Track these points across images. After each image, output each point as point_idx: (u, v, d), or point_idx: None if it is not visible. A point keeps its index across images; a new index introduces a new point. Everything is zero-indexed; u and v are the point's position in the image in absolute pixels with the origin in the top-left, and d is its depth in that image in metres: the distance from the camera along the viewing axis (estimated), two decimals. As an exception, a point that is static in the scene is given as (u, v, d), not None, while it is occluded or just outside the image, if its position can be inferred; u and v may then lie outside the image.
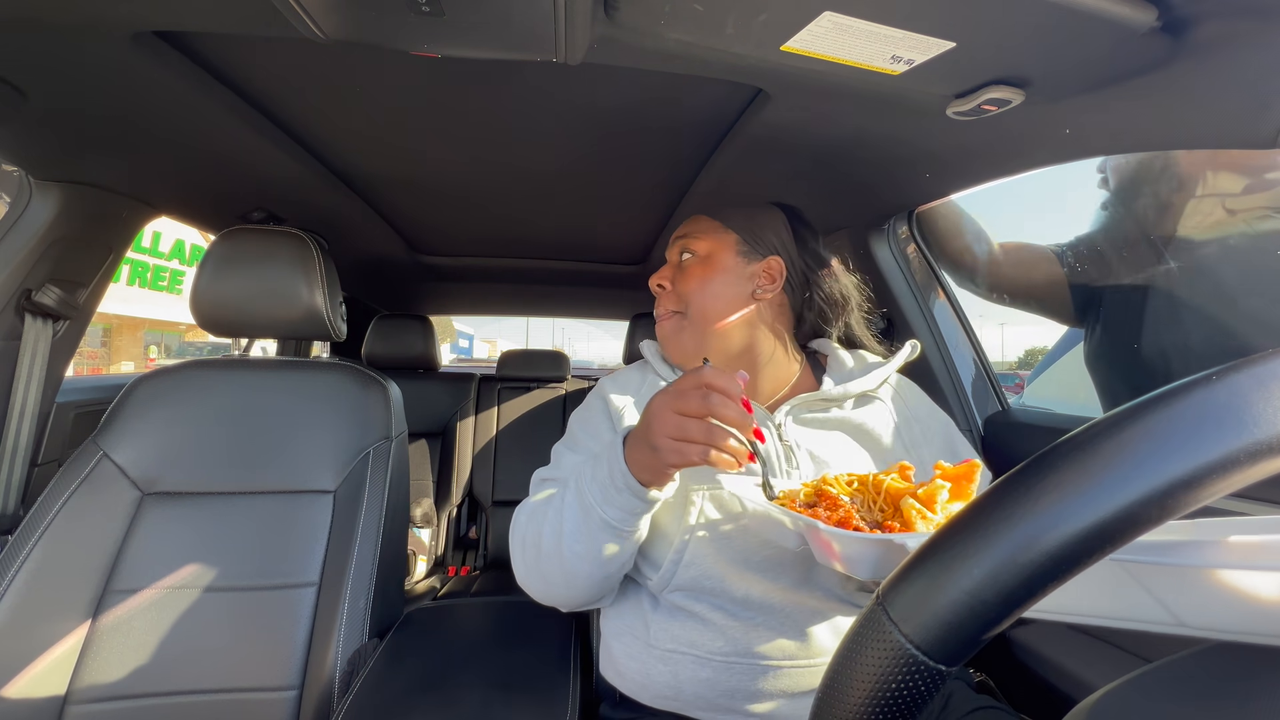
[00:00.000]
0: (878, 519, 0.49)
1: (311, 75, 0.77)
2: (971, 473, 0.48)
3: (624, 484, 0.55)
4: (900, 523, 0.46)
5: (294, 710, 0.78)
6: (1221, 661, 0.24)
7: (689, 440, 0.49)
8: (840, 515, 0.47)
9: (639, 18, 0.53)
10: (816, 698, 0.25)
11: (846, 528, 0.46)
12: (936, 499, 0.46)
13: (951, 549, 0.22)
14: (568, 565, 0.60)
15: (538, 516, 0.63)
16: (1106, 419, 0.21)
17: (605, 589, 0.64)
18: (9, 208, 0.90)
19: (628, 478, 0.54)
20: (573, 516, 0.59)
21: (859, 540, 0.42)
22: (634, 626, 0.67)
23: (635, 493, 0.55)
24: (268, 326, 0.96)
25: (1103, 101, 0.62)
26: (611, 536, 0.57)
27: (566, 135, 0.94)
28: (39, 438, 0.95)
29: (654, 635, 0.64)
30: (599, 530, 0.57)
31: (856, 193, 1.06)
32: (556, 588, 0.63)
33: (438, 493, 1.95)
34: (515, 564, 0.66)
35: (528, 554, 0.63)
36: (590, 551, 0.58)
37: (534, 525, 0.63)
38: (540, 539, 0.61)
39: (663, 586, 0.64)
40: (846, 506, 0.49)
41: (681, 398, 0.50)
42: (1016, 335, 11.89)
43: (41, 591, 0.78)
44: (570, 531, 0.59)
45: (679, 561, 0.63)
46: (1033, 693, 0.79)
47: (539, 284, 2.11)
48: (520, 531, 0.65)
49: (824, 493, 0.51)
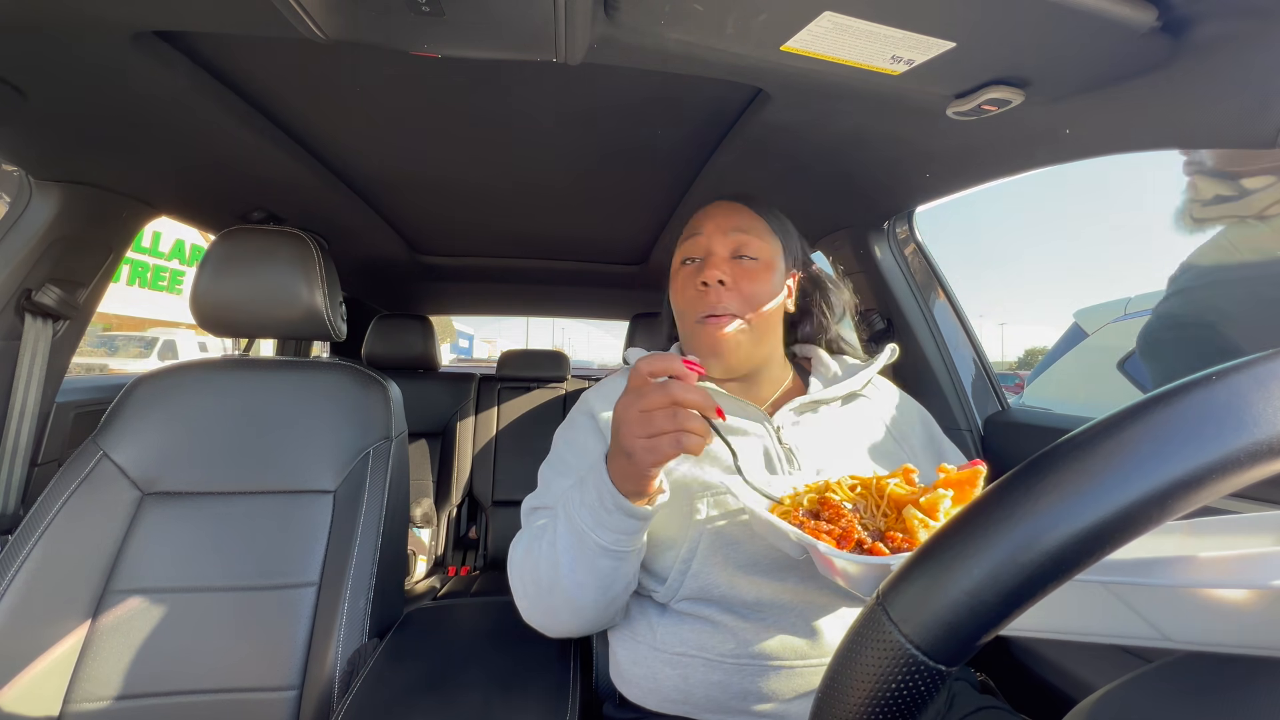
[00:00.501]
0: (880, 527, 0.48)
1: (311, 75, 0.77)
2: (975, 478, 0.47)
3: (613, 504, 0.54)
4: (903, 531, 0.46)
5: (294, 710, 0.78)
6: (1221, 662, 0.24)
7: (659, 434, 0.49)
8: (843, 525, 0.47)
9: (639, 18, 0.53)
10: (816, 698, 0.25)
11: (849, 538, 0.46)
12: (939, 507, 0.46)
13: (951, 549, 0.22)
14: (571, 596, 0.58)
15: (533, 552, 0.62)
16: (1106, 419, 0.21)
17: (613, 611, 0.63)
18: (9, 208, 0.90)
19: (616, 497, 0.53)
20: (568, 547, 0.57)
21: (859, 562, 0.42)
22: (639, 631, 0.66)
23: (626, 511, 0.54)
24: (268, 326, 0.96)
25: (1103, 101, 0.62)
26: (610, 559, 0.56)
27: (566, 135, 0.94)
28: (39, 438, 0.95)
29: (660, 639, 0.64)
30: (597, 556, 0.56)
31: (856, 193, 1.06)
32: (563, 619, 0.61)
33: (438, 493, 1.95)
34: (519, 601, 0.64)
35: (529, 590, 0.62)
36: (592, 579, 0.57)
37: (531, 561, 0.62)
38: (538, 574, 0.60)
39: (670, 597, 0.64)
40: (849, 516, 0.49)
41: (642, 396, 0.49)
42: (1016, 335, 11.89)
43: (41, 591, 0.78)
44: (567, 563, 0.57)
45: (686, 572, 0.63)
46: (1033, 693, 0.79)
47: (539, 284, 2.11)
48: (518, 569, 0.64)
49: (827, 500, 0.51)
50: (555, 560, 0.58)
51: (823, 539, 0.46)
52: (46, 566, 0.79)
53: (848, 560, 0.42)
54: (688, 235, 0.75)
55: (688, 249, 0.74)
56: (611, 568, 0.57)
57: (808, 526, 0.48)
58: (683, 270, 0.74)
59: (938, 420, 0.81)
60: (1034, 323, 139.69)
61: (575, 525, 0.56)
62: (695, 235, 0.73)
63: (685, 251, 0.74)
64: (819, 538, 0.46)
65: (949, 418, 1.12)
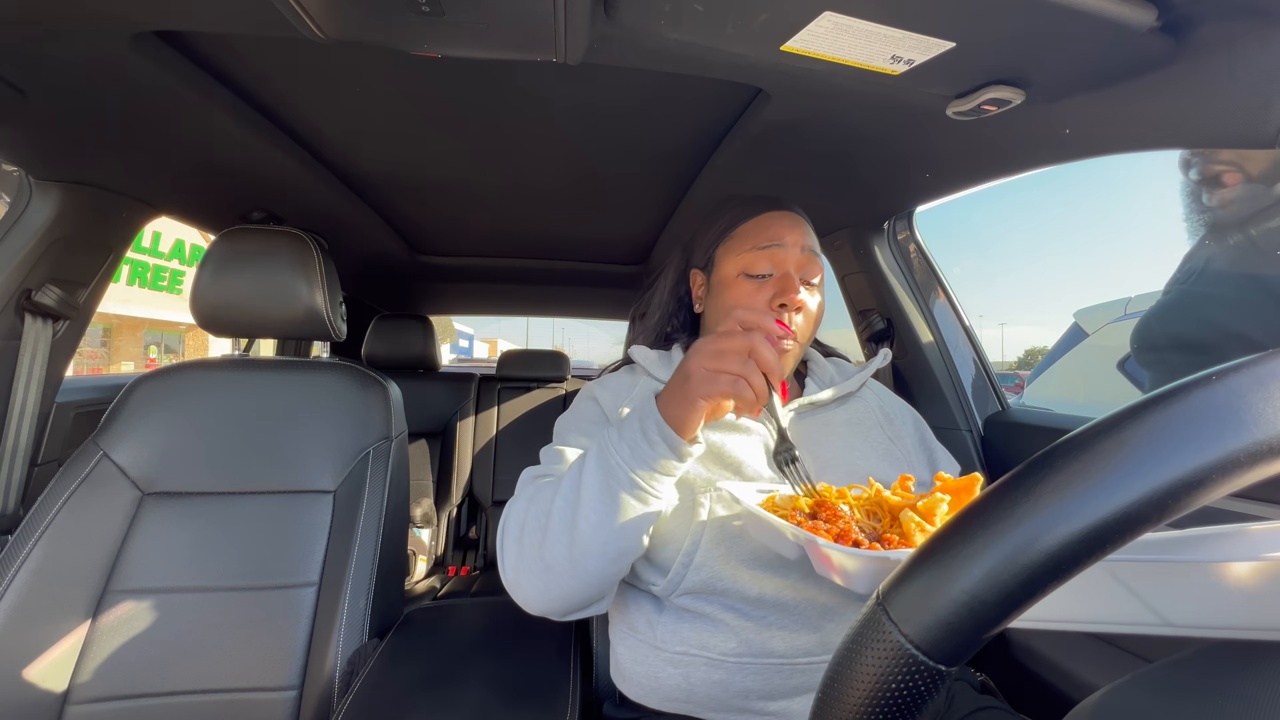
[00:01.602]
0: (877, 530, 0.49)
1: (311, 75, 0.77)
2: (972, 486, 0.48)
3: (658, 434, 0.53)
4: (899, 534, 0.47)
5: (294, 710, 0.78)
6: (1222, 661, 0.24)
7: (724, 370, 0.50)
8: (840, 526, 0.48)
9: (639, 18, 0.53)
10: (816, 698, 0.25)
11: (846, 538, 0.46)
12: (936, 512, 0.46)
13: (951, 549, 0.22)
14: (579, 541, 0.55)
15: (541, 498, 0.60)
16: (1106, 419, 0.21)
17: (606, 583, 0.59)
18: (9, 208, 0.90)
19: (662, 426, 0.53)
20: (593, 482, 0.56)
21: (857, 556, 0.43)
22: (638, 629, 0.66)
23: (669, 442, 0.53)
24: (268, 326, 0.96)
25: (1103, 101, 0.62)
26: (636, 502, 0.55)
27: (566, 135, 0.94)
28: (39, 438, 0.95)
29: (660, 638, 0.64)
30: (625, 491, 0.54)
31: (856, 193, 1.06)
32: (557, 576, 0.57)
33: (438, 493, 1.95)
34: (507, 558, 0.60)
35: (526, 539, 0.59)
36: (607, 522, 0.55)
37: (537, 506, 0.59)
38: (547, 518, 0.57)
39: (670, 591, 0.64)
40: (846, 518, 0.49)
41: (726, 337, 0.51)
42: (1016, 335, 11.91)
43: (41, 591, 0.78)
44: (588, 499, 0.55)
45: (689, 564, 0.62)
46: (1033, 693, 0.79)
47: (539, 284, 2.11)
48: (517, 518, 0.61)
49: (824, 503, 0.51)
50: (574, 500, 0.56)
51: (820, 536, 0.46)
52: (46, 566, 0.79)
53: (845, 554, 0.43)
54: (757, 246, 0.70)
55: (756, 262, 0.69)
56: (632, 514, 0.55)
57: (805, 526, 0.48)
58: (748, 283, 0.70)
59: (938, 420, 0.82)
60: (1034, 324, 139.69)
61: (608, 460, 0.56)
62: (775, 247, 0.69)
63: (752, 264, 0.69)
64: (816, 534, 0.46)
65: (949, 418, 1.12)
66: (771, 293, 0.68)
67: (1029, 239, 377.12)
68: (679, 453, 0.54)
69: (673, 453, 0.54)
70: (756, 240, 0.70)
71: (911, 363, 1.20)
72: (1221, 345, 0.88)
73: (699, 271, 0.78)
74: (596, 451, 0.58)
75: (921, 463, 0.75)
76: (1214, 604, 0.25)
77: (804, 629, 0.62)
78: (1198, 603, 0.25)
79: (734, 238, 0.73)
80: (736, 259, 0.71)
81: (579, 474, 0.58)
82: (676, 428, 0.54)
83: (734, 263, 0.71)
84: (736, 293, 0.70)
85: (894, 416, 0.77)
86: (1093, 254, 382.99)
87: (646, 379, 0.75)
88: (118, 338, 13.31)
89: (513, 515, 0.62)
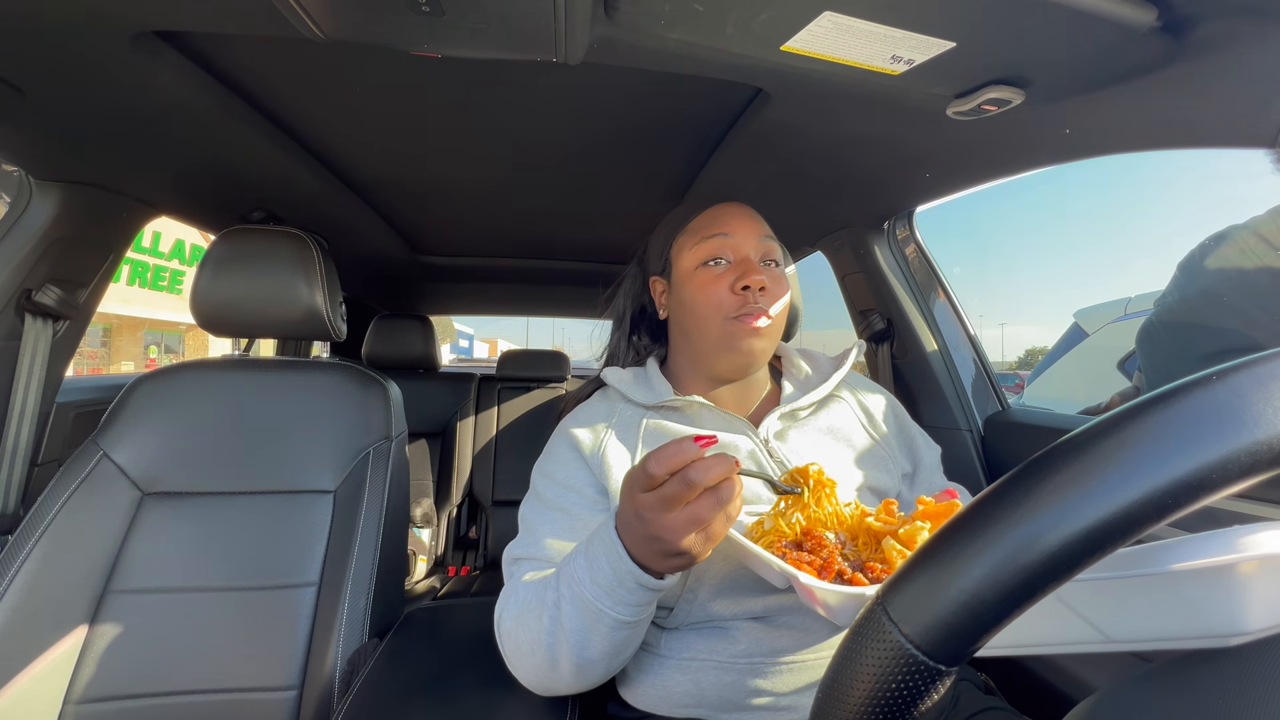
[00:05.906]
0: (861, 557, 0.50)
1: (311, 75, 0.77)
2: (951, 511, 0.48)
3: (635, 583, 0.49)
4: (881, 561, 0.48)
5: (294, 710, 0.78)
6: (1222, 661, 0.24)
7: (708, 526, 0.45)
8: (825, 556, 0.49)
9: (639, 18, 0.53)
10: (817, 698, 0.25)
11: (829, 569, 0.47)
12: (917, 539, 0.47)
13: (951, 549, 0.22)
14: (583, 670, 0.55)
15: (527, 624, 0.56)
16: (1107, 419, 0.21)
17: (621, 665, 0.59)
18: (9, 208, 0.90)
19: (639, 575, 0.49)
20: (578, 628, 0.53)
21: (837, 593, 0.44)
22: (645, 641, 0.65)
23: (650, 586, 0.50)
24: (268, 326, 0.96)
25: (1103, 101, 0.62)
26: (627, 629, 0.53)
27: (566, 135, 0.94)
28: (39, 438, 0.95)
29: (666, 647, 0.63)
30: (613, 630, 0.52)
31: (856, 193, 1.06)
32: (565, 685, 0.58)
33: (438, 493, 1.95)
34: (512, 667, 0.60)
35: (526, 663, 0.58)
36: (605, 651, 0.53)
37: (527, 634, 0.56)
38: (537, 648, 0.56)
39: (678, 624, 0.63)
40: (831, 547, 0.50)
41: (668, 502, 0.44)
42: (1016, 335, 11.92)
43: (41, 591, 0.78)
44: (577, 643, 0.53)
45: (693, 602, 0.62)
46: (1033, 693, 0.79)
47: (539, 284, 2.11)
48: (510, 638, 0.59)
49: (809, 531, 0.52)
50: (559, 637, 0.54)
51: (804, 569, 0.47)
52: (46, 567, 0.79)
53: (827, 590, 0.44)
54: (708, 235, 0.71)
55: (712, 249, 0.70)
56: (628, 636, 0.54)
57: (790, 557, 0.49)
58: (706, 271, 0.70)
59: (938, 420, 0.82)
60: (1034, 324, 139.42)
61: (588, 607, 0.51)
62: (722, 236, 0.70)
63: (708, 251, 0.70)
64: (800, 568, 0.47)
65: (949, 417, 1.12)
66: (732, 277, 0.68)
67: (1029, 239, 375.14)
68: (661, 588, 0.51)
69: (656, 592, 0.51)
70: (708, 230, 0.71)
71: (911, 363, 1.20)
72: None
73: (658, 278, 0.78)
74: (570, 594, 0.53)
75: (903, 453, 0.75)
76: (1153, 618, 0.26)
77: (813, 626, 0.62)
78: (1137, 618, 0.26)
79: (686, 233, 0.74)
80: (692, 252, 0.72)
81: (558, 616, 0.54)
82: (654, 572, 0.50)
83: (690, 256, 0.72)
84: (697, 283, 0.70)
85: (872, 411, 0.77)
86: (1092, 254, 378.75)
87: (623, 405, 0.73)
88: (118, 338, 13.32)
89: (503, 627, 0.60)
